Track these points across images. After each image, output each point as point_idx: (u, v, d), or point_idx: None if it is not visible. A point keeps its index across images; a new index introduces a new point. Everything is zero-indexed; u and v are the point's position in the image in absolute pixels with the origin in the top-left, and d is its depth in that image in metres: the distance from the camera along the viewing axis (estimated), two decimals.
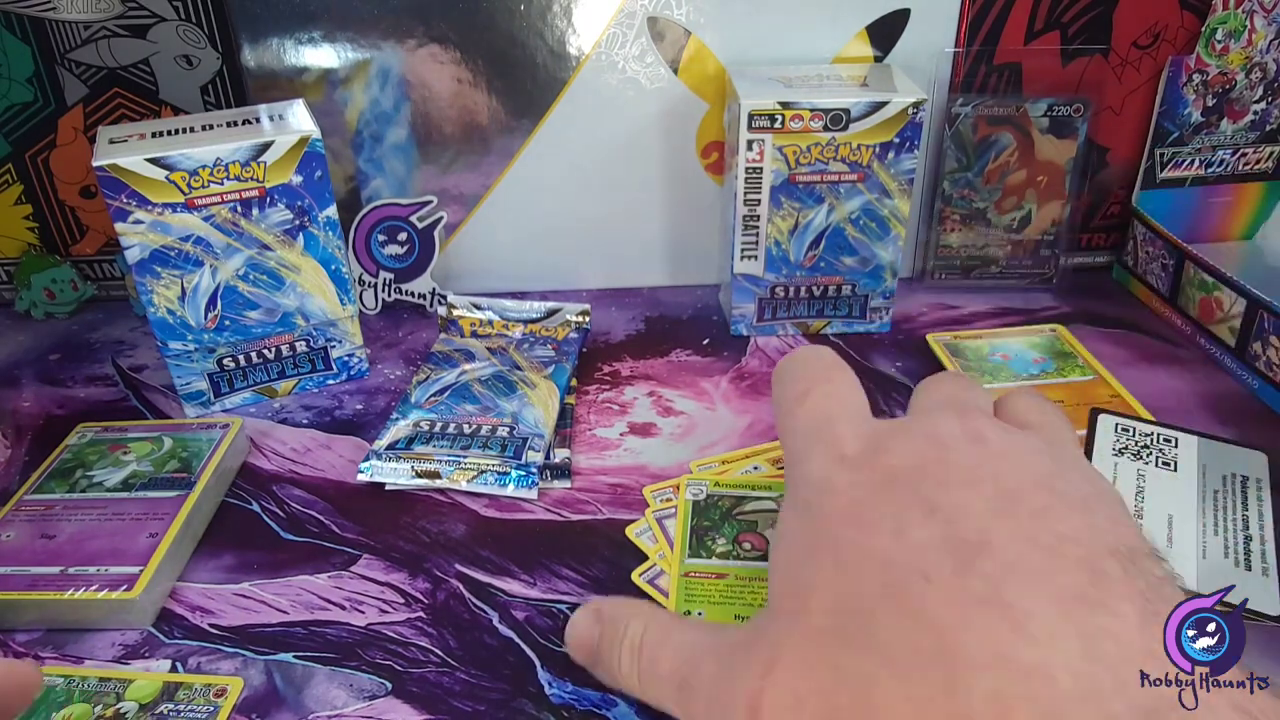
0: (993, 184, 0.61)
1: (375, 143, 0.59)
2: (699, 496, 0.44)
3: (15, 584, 0.39)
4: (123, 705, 0.35)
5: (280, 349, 0.52)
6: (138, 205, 0.46)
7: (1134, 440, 0.45)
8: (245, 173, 0.47)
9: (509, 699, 0.36)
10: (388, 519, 0.45)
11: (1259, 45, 0.59)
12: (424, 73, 0.57)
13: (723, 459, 0.47)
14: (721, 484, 0.44)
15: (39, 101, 0.57)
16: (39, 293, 0.61)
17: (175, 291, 0.48)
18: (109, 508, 0.43)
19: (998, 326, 0.59)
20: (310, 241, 0.50)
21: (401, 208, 0.59)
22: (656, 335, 0.59)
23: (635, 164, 0.60)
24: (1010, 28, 0.58)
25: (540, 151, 0.59)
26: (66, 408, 0.53)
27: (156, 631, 0.39)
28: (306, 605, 0.40)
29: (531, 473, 0.46)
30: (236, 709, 0.35)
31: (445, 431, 0.48)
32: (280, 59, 0.56)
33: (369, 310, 0.61)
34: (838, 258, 0.56)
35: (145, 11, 0.54)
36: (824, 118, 0.52)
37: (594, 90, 0.58)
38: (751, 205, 0.54)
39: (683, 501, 0.44)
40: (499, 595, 0.40)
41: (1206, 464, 0.43)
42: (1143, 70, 0.60)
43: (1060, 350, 0.55)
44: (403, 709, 0.35)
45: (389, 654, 0.38)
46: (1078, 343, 0.56)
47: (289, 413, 0.53)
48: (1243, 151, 0.63)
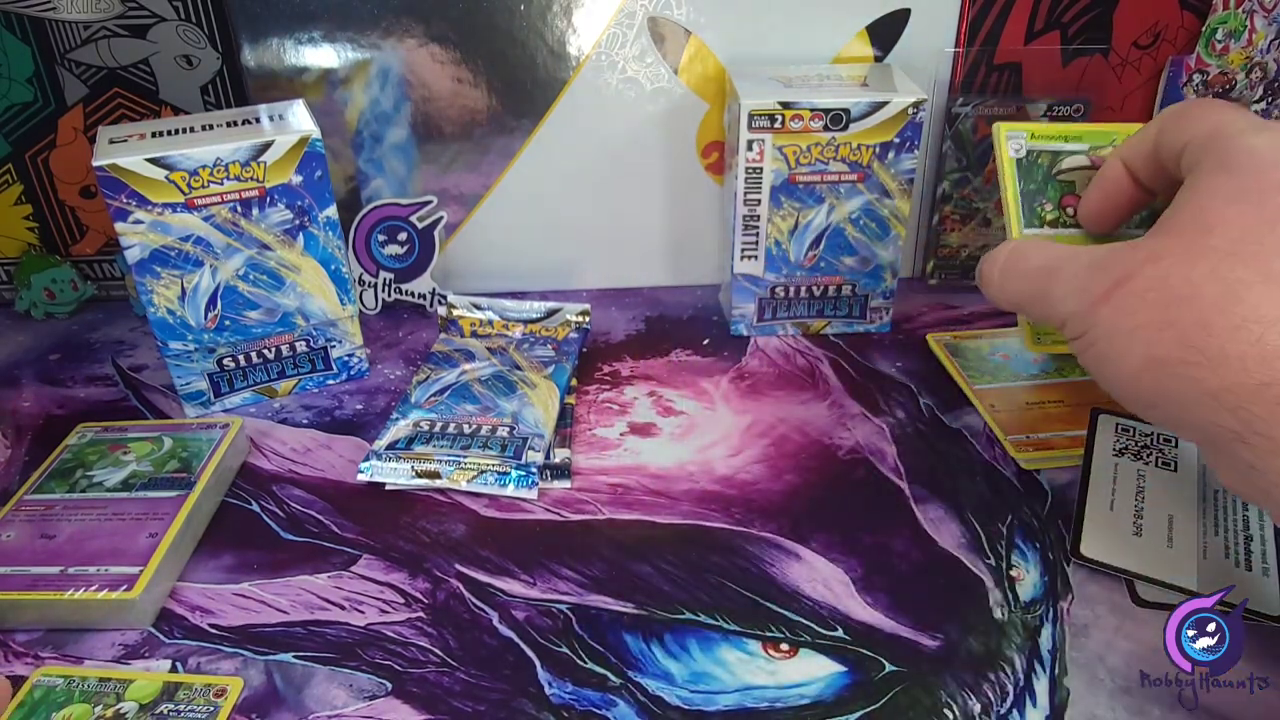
0: (993, 184, 0.61)
1: (375, 143, 0.59)
2: (1020, 153, 0.44)
3: (15, 584, 0.39)
4: (123, 705, 0.35)
5: (280, 349, 0.52)
6: (138, 205, 0.46)
7: (1134, 440, 0.45)
8: (245, 173, 0.47)
9: (509, 699, 0.36)
10: (388, 519, 0.45)
11: (1259, 45, 0.59)
12: (424, 73, 0.57)
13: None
14: (1038, 135, 0.44)
15: (39, 101, 0.57)
16: (39, 293, 0.61)
17: (175, 291, 0.48)
18: (109, 508, 0.43)
19: (998, 327, 0.59)
20: (310, 241, 0.50)
21: (401, 208, 0.59)
22: (656, 335, 0.59)
23: (635, 164, 0.60)
24: (1010, 28, 0.58)
25: (540, 151, 0.59)
26: (66, 408, 0.53)
27: (156, 631, 0.39)
28: (306, 605, 0.40)
29: (531, 473, 0.46)
30: (236, 709, 0.35)
31: (445, 431, 0.48)
32: (280, 59, 0.56)
33: (369, 310, 0.61)
34: (838, 258, 0.56)
35: (145, 11, 0.54)
36: (824, 118, 0.52)
37: (594, 90, 0.58)
38: (751, 205, 0.54)
39: (1006, 159, 0.44)
40: (499, 595, 0.40)
41: (1206, 464, 0.43)
42: (1143, 70, 0.60)
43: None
44: (403, 709, 0.35)
45: (389, 654, 0.38)
46: None
47: (289, 413, 0.53)
48: None
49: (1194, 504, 0.42)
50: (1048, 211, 0.43)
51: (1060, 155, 0.44)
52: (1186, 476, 0.43)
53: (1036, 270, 0.37)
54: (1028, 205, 0.43)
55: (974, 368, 0.54)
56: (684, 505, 0.45)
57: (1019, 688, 0.36)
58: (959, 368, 0.54)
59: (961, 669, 0.37)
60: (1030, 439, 0.48)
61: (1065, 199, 0.43)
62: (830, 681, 0.36)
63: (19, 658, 0.38)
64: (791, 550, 0.42)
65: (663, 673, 0.37)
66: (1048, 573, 0.41)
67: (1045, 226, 0.44)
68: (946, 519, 0.44)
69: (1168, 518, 0.41)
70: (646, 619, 0.39)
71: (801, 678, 0.37)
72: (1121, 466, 0.44)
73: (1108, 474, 0.43)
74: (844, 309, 0.58)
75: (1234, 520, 0.41)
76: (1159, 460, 0.44)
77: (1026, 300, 0.38)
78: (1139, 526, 0.41)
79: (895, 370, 0.55)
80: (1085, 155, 0.44)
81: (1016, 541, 0.43)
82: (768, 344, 0.58)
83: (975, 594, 0.40)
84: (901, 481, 0.46)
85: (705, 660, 0.37)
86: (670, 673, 0.37)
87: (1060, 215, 0.43)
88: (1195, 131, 0.34)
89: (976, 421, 0.50)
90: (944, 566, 0.41)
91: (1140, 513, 0.41)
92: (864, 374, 0.55)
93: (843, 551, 0.42)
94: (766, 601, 0.40)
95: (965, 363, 0.54)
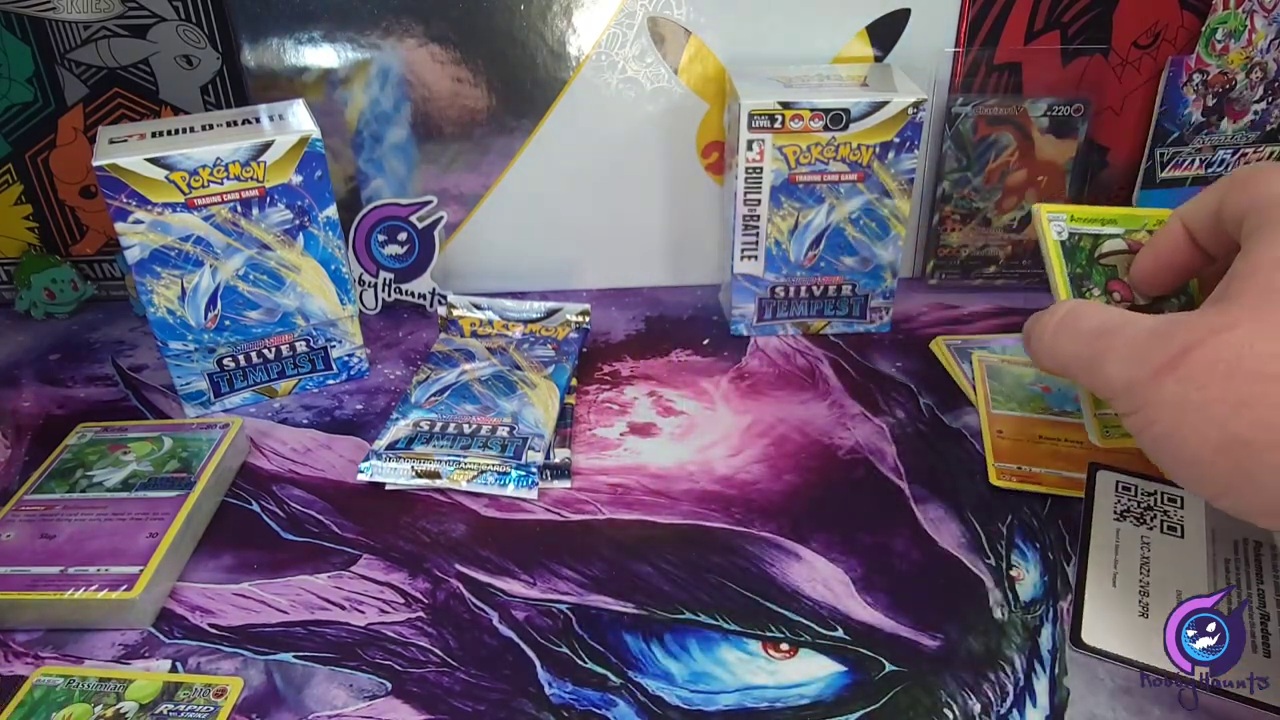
0: (993, 184, 0.61)
1: (375, 143, 0.59)
2: (1062, 235, 0.43)
3: (15, 584, 0.39)
4: (123, 705, 0.35)
5: (280, 349, 0.52)
6: (138, 205, 0.46)
7: (1137, 501, 0.42)
8: (245, 172, 0.47)
9: (509, 699, 0.36)
10: (388, 519, 0.45)
11: (1259, 45, 0.59)
12: (424, 73, 0.57)
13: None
14: (1077, 218, 0.44)
15: (39, 101, 0.57)
16: (39, 293, 0.61)
17: (175, 291, 0.48)
18: (109, 508, 0.43)
19: (998, 328, 0.59)
20: (310, 241, 0.50)
21: (401, 208, 0.59)
22: (656, 335, 0.59)
23: (635, 164, 0.60)
24: (1010, 28, 0.58)
25: (540, 151, 0.59)
26: (66, 408, 0.53)
27: (156, 631, 0.39)
28: (306, 605, 0.40)
29: (531, 473, 0.46)
30: (236, 709, 0.35)
31: (445, 431, 0.48)
32: (280, 59, 0.56)
33: (369, 310, 0.61)
34: (838, 258, 0.56)
35: (145, 11, 0.54)
36: (824, 118, 0.52)
37: (594, 90, 0.58)
38: (751, 205, 0.54)
39: (1051, 242, 0.43)
40: (499, 595, 0.40)
41: (1215, 528, 0.40)
42: (1143, 70, 0.60)
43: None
44: (403, 709, 0.35)
45: (389, 654, 0.38)
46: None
47: (289, 413, 0.53)
48: (1243, 151, 0.63)
49: (1203, 575, 0.38)
50: (1095, 296, 0.42)
51: (1100, 239, 0.43)
52: (1194, 543, 0.40)
53: (1091, 332, 0.35)
54: (1076, 288, 0.42)
55: (1004, 393, 0.51)
56: (684, 505, 0.45)
57: (1019, 688, 0.36)
58: (989, 390, 0.51)
59: (961, 669, 0.37)
60: (1020, 470, 0.46)
61: (1111, 284, 0.42)
62: (830, 681, 0.36)
63: (19, 658, 0.38)
64: (791, 550, 0.42)
65: (663, 673, 0.37)
66: (1048, 573, 0.41)
67: None
68: (946, 519, 0.44)
69: (1175, 593, 0.37)
70: (646, 619, 0.39)
71: (801, 678, 0.37)
72: (1124, 532, 0.41)
73: (1109, 542, 0.40)
74: (844, 309, 0.58)
75: (1248, 595, 0.37)
76: (1164, 524, 0.41)
77: (1077, 364, 0.35)
78: (1144, 606, 0.37)
79: (895, 370, 0.55)
80: (1122, 239, 0.43)
81: (1016, 541, 0.43)
82: (768, 344, 0.58)
83: (975, 594, 0.40)
84: (901, 481, 0.46)
85: (705, 660, 0.37)
86: (670, 673, 0.37)
87: (1108, 300, 0.42)
88: (1260, 195, 0.33)
89: (976, 422, 0.50)
90: (944, 566, 0.41)
91: (1145, 589, 0.38)
92: (864, 374, 0.55)
93: (843, 551, 0.42)
94: (766, 601, 0.40)
95: (999, 386, 0.52)
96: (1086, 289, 0.42)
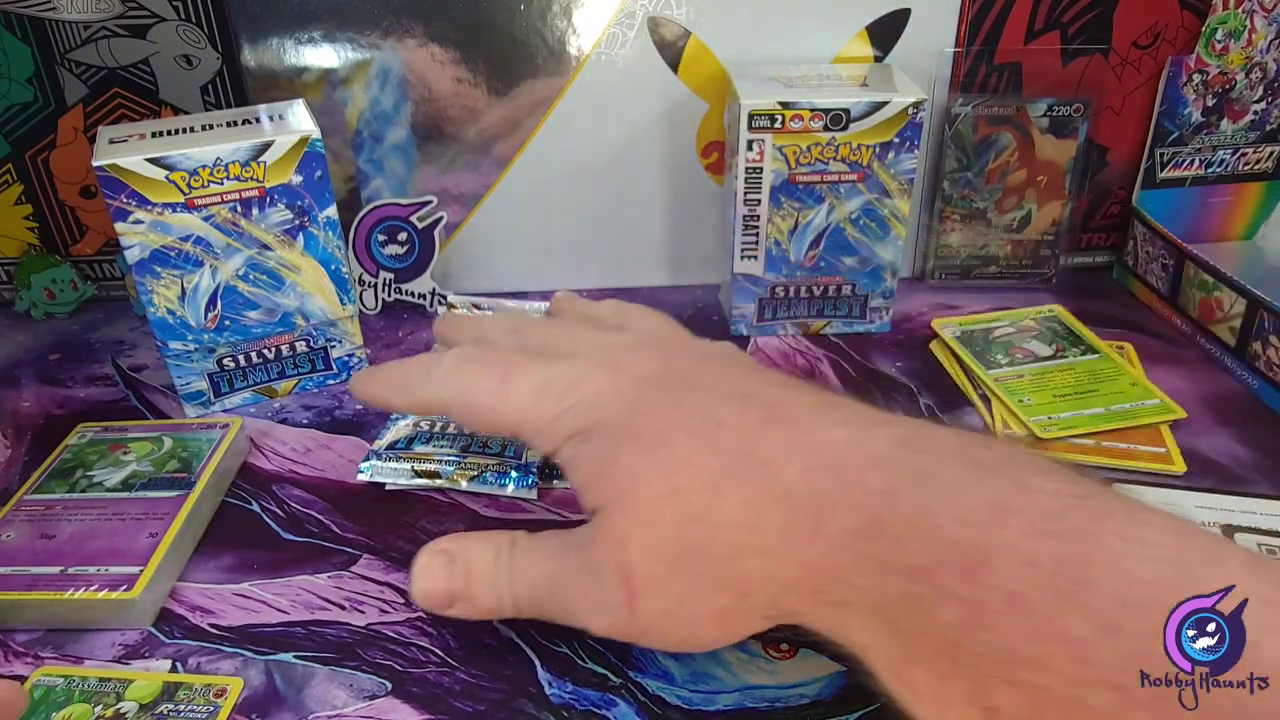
0: (993, 184, 0.61)
1: (375, 143, 0.59)
2: (956, 333, 0.55)
3: (15, 584, 0.39)
4: (123, 705, 0.35)
5: (280, 349, 0.53)
6: (138, 205, 0.46)
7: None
8: (245, 173, 0.47)
9: (509, 699, 0.36)
10: (388, 519, 0.45)
11: (1259, 45, 0.59)
12: (424, 73, 0.57)
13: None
14: (964, 323, 0.57)
15: (39, 101, 0.57)
16: (39, 293, 0.61)
17: (175, 291, 0.48)
18: (109, 508, 0.43)
19: None
20: (310, 241, 0.50)
21: (401, 208, 0.59)
22: None
23: (635, 164, 0.60)
24: (1010, 27, 0.58)
25: (540, 151, 0.59)
26: (66, 408, 0.53)
27: (156, 631, 0.39)
28: (306, 605, 0.40)
29: (531, 473, 0.46)
30: (236, 709, 0.35)
31: (445, 431, 0.48)
32: (280, 59, 0.56)
33: (369, 310, 0.61)
34: (838, 257, 0.56)
35: (145, 11, 0.54)
36: (824, 118, 0.52)
37: (594, 90, 0.58)
38: (751, 205, 0.54)
39: (948, 339, 0.55)
40: None
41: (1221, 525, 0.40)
42: (1143, 70, 0.60)
43: (1058, 332, 0.56)
44: (403, 709, 0.35)
45: (389, 654, 0.38)
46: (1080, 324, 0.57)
47: (289, 413, 0.53)
48: (1243, 151, 0.63)
49: None
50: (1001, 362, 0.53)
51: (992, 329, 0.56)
52: None
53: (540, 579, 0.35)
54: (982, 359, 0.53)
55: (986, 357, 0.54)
56: None
57: None
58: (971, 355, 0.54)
59: None
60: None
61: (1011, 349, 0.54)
62: (830, 681, 0.36)
63: (19, 658, 0.38)
64: None
65: (663, 672, 0.37)
66: None
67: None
68: None
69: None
70: None
71: (801, 677, 0.37)
72: None
73: None
74: (844, 309, 0.58)
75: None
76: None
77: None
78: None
79: (895, 370, 0.55)
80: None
81: None
82: (768, 344, 0.58)
83: None
84: None
85: (705, 660, 0.37)
86: (670, 672, 0.37)
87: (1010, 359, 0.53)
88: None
89: (976, 422, 0.50)
90: None
91: None
92: (864, 374, 0.55)
93: None
94: None
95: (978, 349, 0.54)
96: (991, 357, 0.53)
